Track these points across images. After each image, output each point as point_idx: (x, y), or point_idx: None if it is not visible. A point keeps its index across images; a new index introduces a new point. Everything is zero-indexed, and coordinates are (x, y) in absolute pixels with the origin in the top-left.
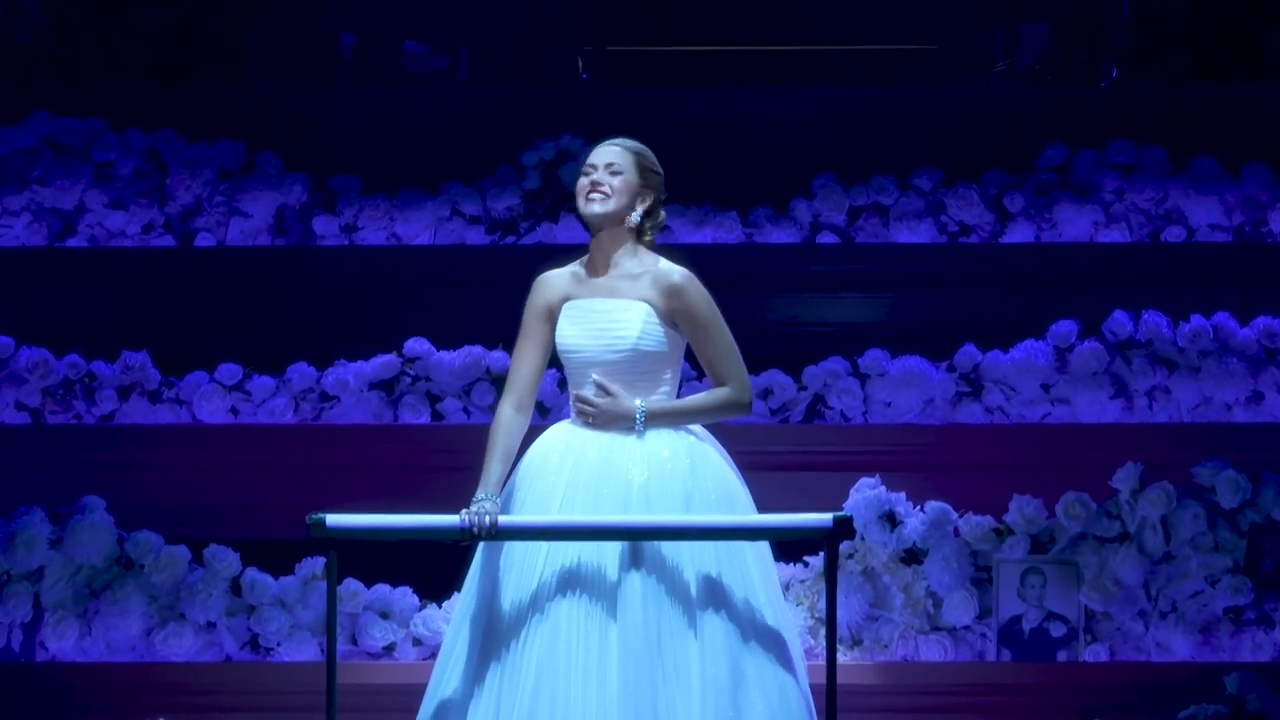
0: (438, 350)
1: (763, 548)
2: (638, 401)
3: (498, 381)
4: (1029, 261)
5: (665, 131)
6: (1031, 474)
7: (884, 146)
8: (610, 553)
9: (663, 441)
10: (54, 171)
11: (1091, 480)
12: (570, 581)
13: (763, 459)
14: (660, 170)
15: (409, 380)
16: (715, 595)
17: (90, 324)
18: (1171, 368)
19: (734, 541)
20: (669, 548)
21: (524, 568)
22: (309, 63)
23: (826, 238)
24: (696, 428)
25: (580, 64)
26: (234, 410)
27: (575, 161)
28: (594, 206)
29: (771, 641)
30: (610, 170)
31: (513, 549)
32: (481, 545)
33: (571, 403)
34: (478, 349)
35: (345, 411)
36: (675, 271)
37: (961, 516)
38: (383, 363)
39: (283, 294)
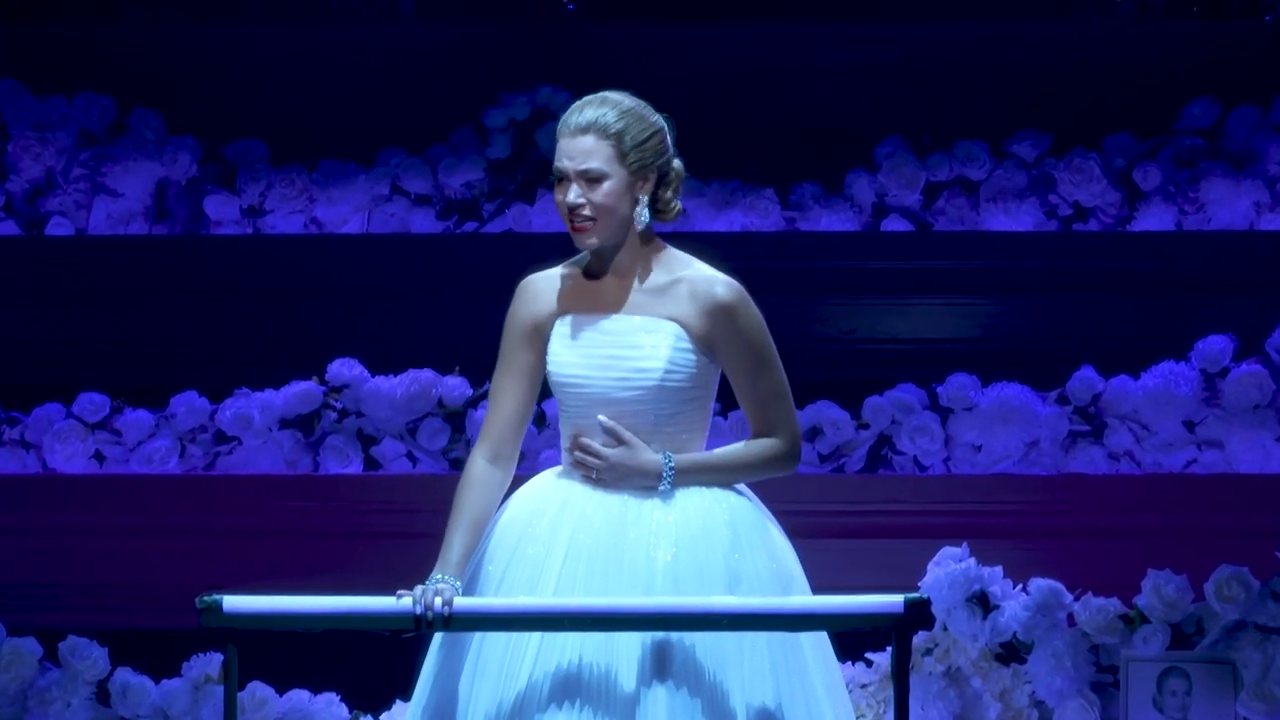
0: (372, 376)
1: (822, 642)
2: (664, 453)
3: (452, 418)
4: (1167, 256)
5: (678, 83)
6: (1172, 541)
7: (973, 103)
8: (625, 650)
9: (695, 506)
10: None
11: (1253, 550)
12: (569, 692)
13: (810, 521)
14: (658, 125)
15: (334, 416)
16: (768, 713)
17: None
18: None
19: (787, 633)
20: (706, 645)
21: (505, 668)
22: None
23: (894, 224)
24: (739, 487)
25: None
26: (99, 456)
27: (556, 123)
28: (586, 240)
29: None
30: (588, 179)
31: (491, 643)
32: (441, 637)
33: (568, 450)
34: (426, 374)
35: (249, 457)
36: (719, 282)
37: (1078, 599)
38: (299, 392)
39: (165, 300)
